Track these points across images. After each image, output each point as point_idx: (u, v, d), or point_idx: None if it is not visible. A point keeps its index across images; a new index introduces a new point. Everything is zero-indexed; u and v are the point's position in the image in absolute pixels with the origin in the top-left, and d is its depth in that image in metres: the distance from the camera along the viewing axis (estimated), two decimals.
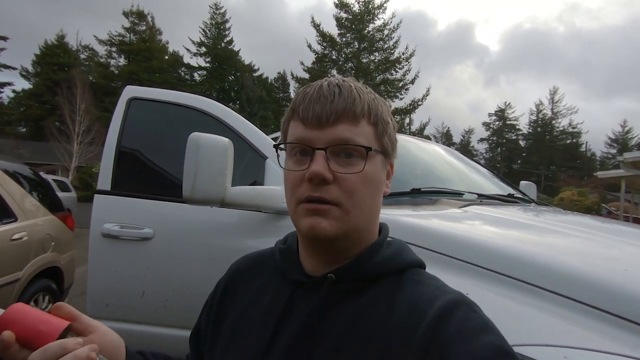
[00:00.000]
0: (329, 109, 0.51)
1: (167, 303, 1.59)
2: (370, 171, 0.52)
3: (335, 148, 0.51)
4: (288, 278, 0.58)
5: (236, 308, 0.61)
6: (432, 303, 0.49)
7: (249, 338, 0.56)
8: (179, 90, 1.93)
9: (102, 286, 1.61)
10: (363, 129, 0.52)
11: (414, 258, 0.57)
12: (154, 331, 1.60)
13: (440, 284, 0.53)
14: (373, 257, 0.54)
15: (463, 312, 0.48)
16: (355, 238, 0.54)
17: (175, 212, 1.62)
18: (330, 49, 24.90)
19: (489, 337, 0.46)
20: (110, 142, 1.73)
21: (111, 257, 1.61)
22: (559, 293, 0.85)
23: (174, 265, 1.59)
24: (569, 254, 1.01)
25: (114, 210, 1.63)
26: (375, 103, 0.55)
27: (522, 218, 1.38)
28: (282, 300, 0.56)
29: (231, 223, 1.60)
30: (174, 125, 1.82)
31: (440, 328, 0.46)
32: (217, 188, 1.26)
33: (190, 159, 1.25)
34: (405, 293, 0.51)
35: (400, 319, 0.49)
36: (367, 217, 0.53)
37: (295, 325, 0.53)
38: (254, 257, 0.68)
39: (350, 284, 0.53)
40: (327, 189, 0.50)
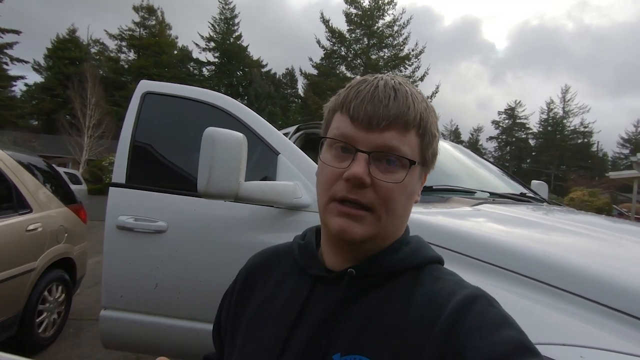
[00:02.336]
0: (381, 114, 0.50)
1: (180, 295, 1.62)
2: (407, 182, 0.52)
3: (379, 154, 0.50)
4: (307, 273, 0.58)
5: (255, 302, 0.61)
6: (450, 298, 0.49)
7: (268, 331, 0.56)
8: (188, 85, 1.94)
9: (116, 277, 1.64)
10: (410, 139, 0.51)
11: (433, 254, 0.57)
12: (166, 322, 1.63)
13: (458, 279, 0.53)
14: (393, 254, 0.55)
15: (481, 306, 0.47)
16: (383, 242, 0.55)
17: (189, 205, 1.63)
18: (339, 45, 24.76)
19: (509, 331, 0.45)
20: (125, 135, 1.75)
21: (126, 249, 1.63)
22: (574, 292, 0.85)
23: (186, 259, 1.62)
24: (583, 254, 1.00)
25: (128, 203, 1.66)
26: (427, 114, 0.53)
27: (535, 217, 1.37)
28: (302, 294, 0.56)
29: (243, 218, 1.62)
30: (187, 119, 1.83)
31: (457, 322, 0.46)
32: (231, 183, 1.28)
33: (206, 153, 1.26)
34: (423, 288, 0.52)
35: (418, 313, 0.49)
36: (397, 225, 0.54)
37: (314, 319, 0.53)
38: (273, 251, 0.68)
39: (370, 279, 0.54)
40: (363, 192, 0.50)
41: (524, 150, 47.89)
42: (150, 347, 1.70)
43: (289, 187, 1.51)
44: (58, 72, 31.67)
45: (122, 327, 1.66)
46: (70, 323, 3.32)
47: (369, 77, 0.54)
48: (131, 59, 35.18)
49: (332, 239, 0.56)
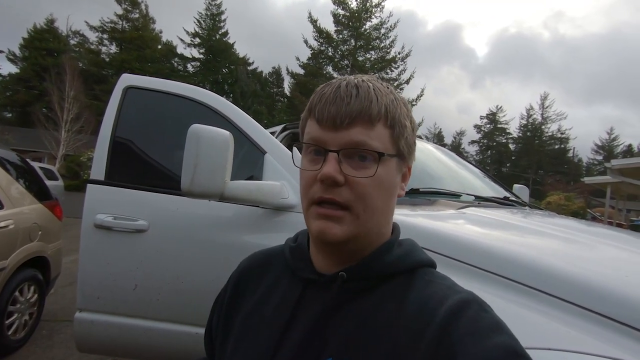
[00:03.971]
0: (344, 112, 0.50)
1: (160, 297, 1.57)
2: (383, 175, 0.51)
3: (349, 151, 0.50)
4: (298, 276, 0.57)
5: (246, 305, 0.61)
6: (443, 302, 0.48)
7: (259, 336, 0.56)
8: (172, 81, 1.89)
9: (93, 278, 1.57)
10: (378, 132, 0.51)
11: (425, 257, 0.57)
12: (146, 325, 1.58)
13: (450, 283, 0.53)
14: (384, 257, 0.54)
15: (474, 311, 0.47)
16: (367, 240, 0.54)
17: (172, 204, 1.59)
18: (326, 45, 24.80)
19: (501, 337, 0.45)
20: (105, 131, 1.68)
21: (103, 248, 1.57)
22: (559, 297, 0.86)
23: (168, 259, 1.57)
24: (567, 258, 1.02)
25: (107, 201, 1.60)
26: (394, 105, 0.53)
27: (519, 221, 1.39)
28: (293, 298, 0.56)
29: (228, 218, 1.58)
30: (171, 116, 1.78)
31: (450, 327, 0.45)
32: (216, 182, 1.24)
33: (190, 151, 1.22)
34: (415, 292, 0.51)
35: (410, 318, 0.48)
36: (378, 221, 0.53)
37: (305, 323, 0.52)
38: (264, 255, 0.67)
39: (361, 282, 0.53)
40: (338, 191, 0.50)
41: (504, 155, 49.14)
42: (128, 349, 1.64)
43: (276, 187, 1.49)
44: (34, 63, 30.50)
45: (98, 329, 1.60)
46: (43, 325, 3.18)
47: (333, 81, 0.55)
48: (113, 52, 34.23)
49: (316, 243, 0.56)
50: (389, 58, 23.54)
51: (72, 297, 3.92)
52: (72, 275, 4.75)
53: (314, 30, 24.82)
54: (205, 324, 1.67)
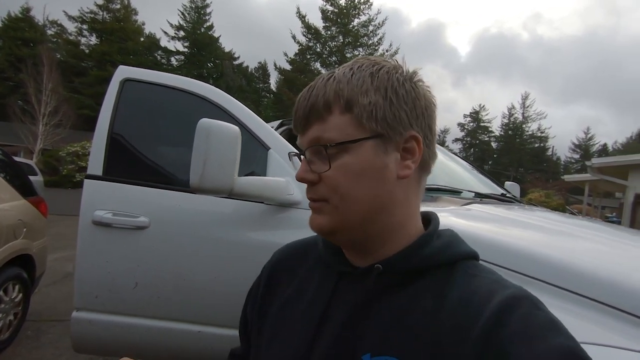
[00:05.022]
0: (301, 115, 0.51)
1: (161, 295, 1.53)
2: (353, 163, 0.48)
3: (311, 150, 0.51)
4: (332, 268, 0.56)
5: (280, 297, 0.59)
6: (490, 298, 0.44)
7: (295, 329, 0.54)
8: (171, 74, 1.84)
9: (91, 276, 1.52)
10: (334, 123, 0.49)
11: (467, 249, 0.52)
12: (146, 324, 1.54)
13: (497, 278, 0.48)
14: (423, 248, 0.50)
15: (526, 308, 0.43)
16: (365, 233, 0.51)
17: (173, 200, 1.55)
18: (315, 41, 24.66)
19: (558, 338, 0.40)
20: (102, 124, 1.63)
21: (102, 246, 1.52)
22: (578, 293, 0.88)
23: (169, 256, 1.53)
24: (582, 255, 1.04)
25: (106, 197, 1.54)
26: (350, 84, 0.49)
27: (523, 218, 1.41)
28: (327, 291, 0.54)
29: (231, 214, 1.55)
30: (171, 110, 1.73)
31: (499, 326, 0.41)
32: (226, 178, 1.22)
33: (200, 146, 1.19)
34: (457, 287, 0.47)
35: (452, 314, 0.45)
36: (365, 209, 0.49)
37: (340, 316, 0.51)
38: (298, 246, 0.66)
39: (397, 275, 0.50)
40: (315, 189, 0.51)
41: (486, 153, 50.22)
42: (128, 349, 1.60)
43: (282, 184, 1.47)
44: (9, 53, 29.24)
45: (96, 329, 1.55)
46: (28, 325, 3.07)
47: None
48: (93, 44, 33.16)
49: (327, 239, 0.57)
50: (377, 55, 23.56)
51: (56, 297, 3.80)
52: (55, 274, 4.59)
53: (302, 26, 24.66)
54: (208, 322, 1.62)
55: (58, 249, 5.64)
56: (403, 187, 0.51)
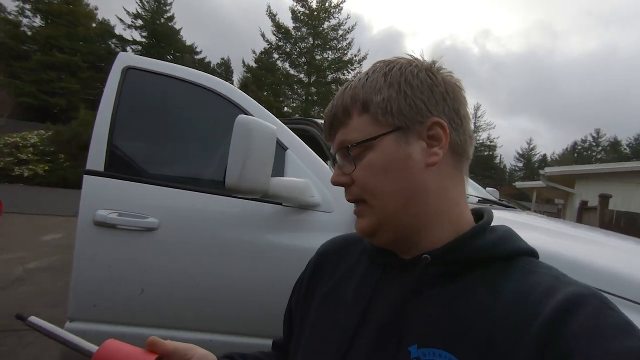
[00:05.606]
0: (327, 125, 0.55)
1: (171, 302, 1.42)
2: (377, 159, 0.50)
3: (339, 153, 0.54)
4: (378, 260, 0.55)
5: (324, 288, 0.60)
6: (551, 295, 0.41)
7: (338, 318, 0.54)
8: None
9: (91, 283, 1.37)
10: (355, 125, 0.52)
11: (524, 245, 0.50)
12: (153, 333, 1.40)
13: (558, 274, 0.46)
14: (473, 241, 0.48)
15: (595, 307, 0.40)
16: (403, 226, 0.50)
17: (187, 200, 1.44)
18: (284, 40, 24.46)
19: (631, 340, 0.36)
20: (104, 115, 1.48)
21: (105, 249, 1.38)
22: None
23: (182, 260, 1.42)
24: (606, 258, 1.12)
25: (110, 195, 1.40)
26: (365, 87, 0.51)
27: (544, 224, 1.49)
28: (371, 281, 0.54)
29: (248, 216, 1.48)
30: (181, 103, 1.62)
31: (562, 326, 0.38)
32: (264, 178, 1.15)
33: (239, 144, 1.12)
34: (513, 282, 0.45)
35: (509, 309, 0.42)
36: (397, 202, 0.50)
37: (386, 305, 0.50)
38: (344, 238, 0.67)
39: (446, 267, 0.48)
40: (349, 190, 0.53)
41: None
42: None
43: (307, 185, 1.43)
44: None
45: (92, 341, 1.40)
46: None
47: None
48: (37, 26, 30.32)
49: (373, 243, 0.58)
50: (345, 59, 23.98)
51: (6, 304, 3.40)
52: (1, 279, 4.12)
53: (272, 25, 24.36)
54: (220, 330, 1.54)
55: (3, 250, 5.07)
56: (435, 175, 0.50)
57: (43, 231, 6.55)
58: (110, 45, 33.31)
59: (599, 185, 8.01)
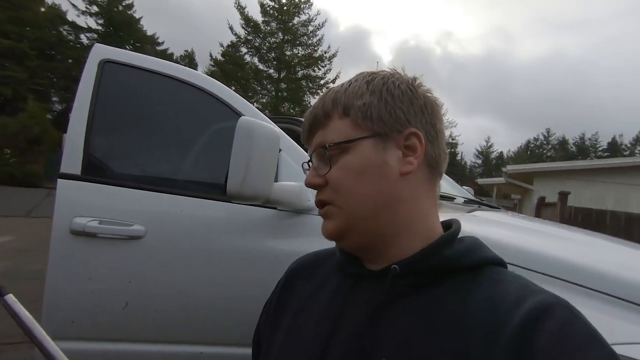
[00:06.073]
0: (306, 126, 0.56)
1: (158, 315, 1.33)
2: (353, 161, 0.50)
3: (314, 154, 0.54)
4: (349, 272, 0.55)
5: (295, 304, 0.59)
6: (519, 304, 0.42)
7: (308, 333, 0.53)
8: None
9: (68, 298, 1.25)
10: (334, 127, 0.52)
11: (493, 255, 0.51)
12: (138, 349, 1.32)
13: (526, 283, 0.47)
14: (442, 250, 0.49)
15: (562, 316, 0.40)
16: (373, 232, 0.50)
17: (175, 206, 1.35)
18: (253, 35, 23.87)
19: (598, 351, 0.38)
20: (80, 112, 1.34)
21: (84, 260, 1.26)
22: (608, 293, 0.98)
23: (169, 270, 1.33)
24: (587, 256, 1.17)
25: (89, 201, 1.28)
26: (347, 92, 0.53)
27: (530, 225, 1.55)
28: (342, 293, 0.53)
29: (241, 221, 1.41)
30: (167, 101, 1.51)
31: (530, 334, 0.39)
32: (267, 184, 1.09)
33: (242, 148, 1.05)
34: (482, 291, 0.45)
35: (478, 320, 0.43)
36: (369, 206, 0.50)
37: (356, 318, 0.49)
38: (316, 254, 0.66)
39: (416, 277, 0.48)
40: (322, 192, 0.53)
41: None
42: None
43: (303, 189, 1.38)
44: None
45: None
46: None
47: None
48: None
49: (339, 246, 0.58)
50: (316, 56, 23.84)
51: None
52: None
53: (241, 18, 23.65)
54: (212, 342, 1.47)
55: None
56: (408, 184, 0.51)
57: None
58: (62, 32, 31.00)
59: (554, 182, 8.60)
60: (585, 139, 48.80)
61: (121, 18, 30.96)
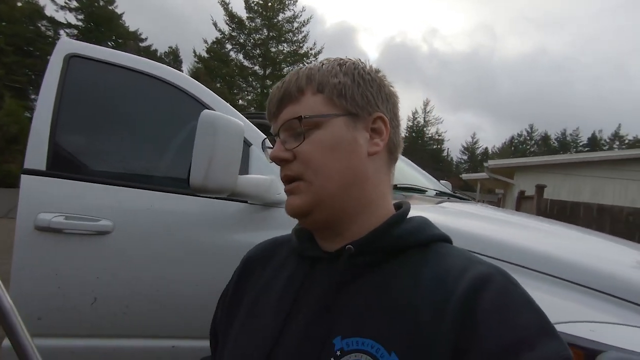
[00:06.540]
0: (275, 100, 0.55)
1: (128, 310, 1.33)
2: (326, 137, 0.51)
3: (284, 127, 0.53)
4: (305, 256, 0.57)
5: (251, 292, 0.60)
6: (463, 274, 0.45)
7: (267, 315, 0.54)
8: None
9: (34, 295, 1.24)
10: (307, 102, 0.52)
11: (439, 232, 0.54)
12: (109, 345, 1.32)
13: (469, 255, 0.50)
14: (392, 229, 0.52)
15: (499, 284, 0.44)
16: (339, 208, 0.52)
17: (143, 200, 1.35)
18: (238, 31, 23.64)
19: (530, 314, 0.43)
20: (44, 108, 1.33)
21: (49, 256, 1.25)
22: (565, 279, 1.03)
23: (139, 265, 1.33)
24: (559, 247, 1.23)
25: (54, 197, 1.27)
26: (321, 71, 0.53)
27: (492, 214, 1.60)
28: (299, 276, 0.55)
29: (209, 214, 1.41)
30: (134, 95, 1.50)
31: (473, 302, 0.42)
32: (231, 177, 1.10)
33: (204, 142, 1.05)
34: (431, 266, 0.48)
35: (428, 293, 0.45)
36: (338, 182, 0.51)
37: (313, 299, 0.51)
38: (272, 242, 0.67)
39: (370, 256, 0.51)
40: (289, 167, 0.53)
41: None
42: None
43: (273, 182, 1.40)
44: None
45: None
46: None
47: None
48: None
49: (299, 222, 0.58)
50: (301, 52, 23.75)
51: None
52: None
53: (225, 14, 23.40)
54: (184, 335, 1.48)
55: None
56: (373, 164, 0.54)
57: None
58: (40, 28, 30.07)
59: (534, 176, 8.83)
60: (566, 134, 50.00)
61: (102, 13, 30.22)
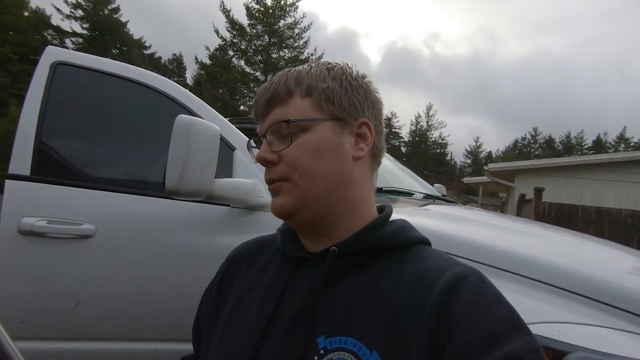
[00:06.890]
0: (263, 101, 0.55)
1: (112, 312, 1.34)
2: (313, 140, 0.52)
3: (271, 130, 0.54)
4: (289, 256, 0.57)
5: (236, 291, 0.60)
6: (440, 276, 0.48)
7: (251, 315, 0.55)
8: (116, 61, 1.63)
9: (17, 298, 1.26)
10: (295, 105, 0.53)
11: (419, 235, 0.57)
12: (92, 348, 1.33)
13: (447, 257, 0.53)
14: (376, 232, 0.54)
15: (473, 283, 0.47)
16: (325, 210, 0.53)
17: (125, 204, 1.37)
18: (239, 38, 23.88)
19: (502, 310, 0.45)
20: (30, 113, 1.36)
21: (33, 260, 1.27)
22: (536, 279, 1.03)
23: (121, 268, 1.35)
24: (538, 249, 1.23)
25: (37, 202, 1.29)
26: (310, 74, 0.54)
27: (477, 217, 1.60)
28: (284, 276, 0.55)
29: (193, 218, 1.43)
30: (117, 101, 1.53)
31: (449, 301, 0.45)
32: (206, 180, 1.12)
33: (179, 145, 1.07)
34: (410, 267, 0.50)
35: (408, 293, 0.48)
36: (324, 185, 0.53)
37: (297, 300, 0.52)
38: (257, 241, 0.67)
39: (353, 258, 0.53)
40: (275, 169, 0.53)
41: (397, 156, 53.63)
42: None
43: (255, 186, 1.41)
44: None
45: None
46: None
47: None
48: None
49: (287, 225, 0.59)
50: (302, 58, 23.90)
51: None
52: None
53: (227, 21, 23.67)
54: (168, 337, 1.49)
55: None
56: (358, 168, 0.55)
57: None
58: (47, 37, 30.58)
59: (535, 179, 8.78)
60: (571, 137, 49.69)
61: (107, 22, 30.69)
